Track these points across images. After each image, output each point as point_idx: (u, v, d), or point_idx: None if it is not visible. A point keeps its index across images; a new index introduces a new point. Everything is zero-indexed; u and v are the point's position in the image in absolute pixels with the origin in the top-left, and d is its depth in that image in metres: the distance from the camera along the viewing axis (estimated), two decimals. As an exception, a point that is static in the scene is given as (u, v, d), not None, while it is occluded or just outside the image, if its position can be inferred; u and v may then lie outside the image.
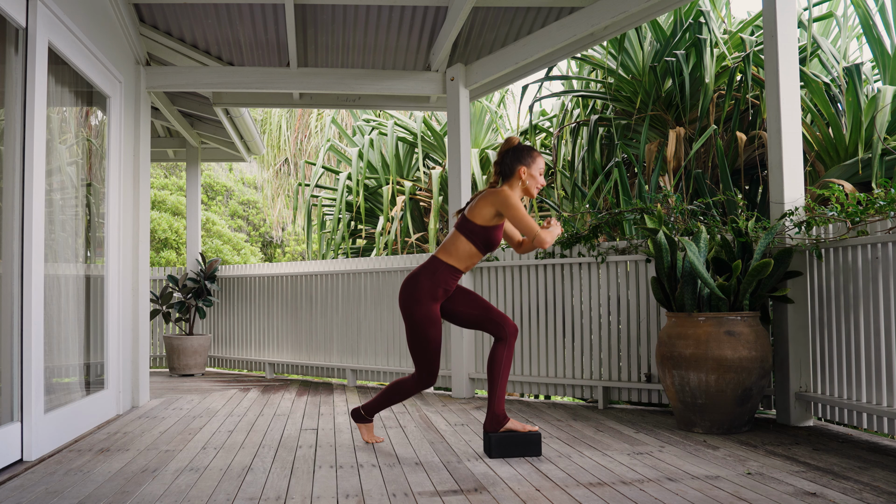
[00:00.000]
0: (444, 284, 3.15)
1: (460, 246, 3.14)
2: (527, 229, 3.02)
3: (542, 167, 3.18)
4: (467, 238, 3.13)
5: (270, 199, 15.70)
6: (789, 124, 3.73)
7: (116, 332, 4.28)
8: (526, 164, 3.14)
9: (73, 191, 3.82)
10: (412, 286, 3.15)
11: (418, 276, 3.15)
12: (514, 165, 3.14)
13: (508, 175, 3.16)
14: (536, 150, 3.19)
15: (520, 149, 3.17)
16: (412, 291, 3.14)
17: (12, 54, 3.07)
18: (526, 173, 3.14)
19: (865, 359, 3.28)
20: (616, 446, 3.29)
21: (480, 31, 5.10)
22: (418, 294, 3.13)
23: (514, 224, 3.05)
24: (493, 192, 3.09)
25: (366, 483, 2.69)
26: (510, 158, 3.16)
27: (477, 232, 3.12)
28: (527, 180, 3.14)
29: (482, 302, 3.25)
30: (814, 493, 2.45)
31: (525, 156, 3.15)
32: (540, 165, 3.17)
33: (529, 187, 3.15)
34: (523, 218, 3.01)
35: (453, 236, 3.18)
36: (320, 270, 6.16)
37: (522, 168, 3.13)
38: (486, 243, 3.15)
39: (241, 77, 5.26)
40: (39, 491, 2.60)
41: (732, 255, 3.67)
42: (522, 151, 3.16)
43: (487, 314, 3.21)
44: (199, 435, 3.67)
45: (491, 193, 3.09)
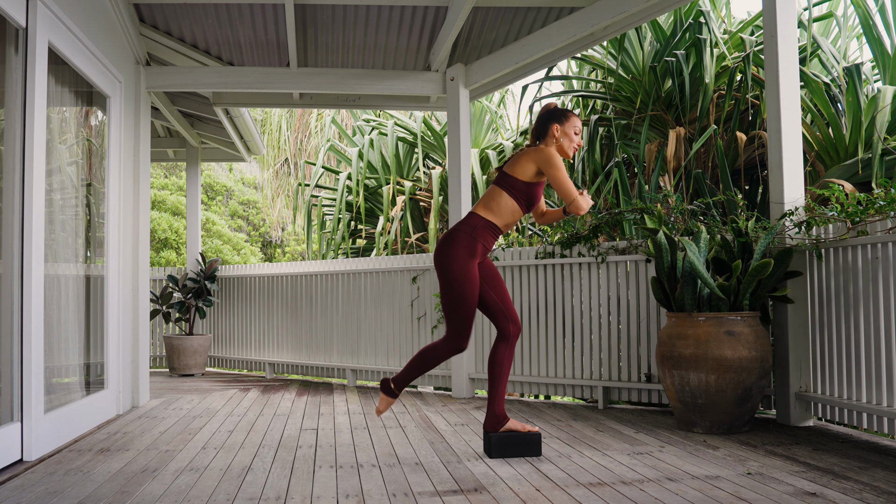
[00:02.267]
0: (482, 240, 3.07)
1: (502, 202, 3.07)
2: (566, 191, 2.96)
3: (577, 126, 3.12)
4: (509, 194, 3.06)
5: (270, 199, 15.70)
6: (789, 124, 3.73)
7: (116, 332, 4.28)
8: (559, 122, 3.10)
9: (73, 191, 3.82)
10: (450, 240, 3.06)
11: (457, 233, 3.06)
12: (547, 125, 3.11)
13: (542, 135, 3.12)
14: (572, 111, 3.15)
15: (554, 110, 3.13)
16: (450, 246, 3.05)
17: (12, 54, 3.07)
18: (559, 131, 3.09)
19: (865, 359, 3.28)
20: (616, 446, 3.29)
21: (480, 31, 5.10)
22: (456, 249, 3.03)
23: (554, 184, 2.98)
24: (536, 149, 3.04)
25: (366, 483, 2.69)
26: (544, 119, 3.12)
27: (519, 188, 3.05)
28: (560, 138, 3.09)
29: (506, 293, 3.20)
30: (814, 493, 2.45)
31: (559, 115, 3.11)
32: (575, 124, 3.11)
33: (563, 146, 3.10)
34: (564, 180, 2.96)
35: (493, 192, 3.09)
36: (320, 270, 6.16)
37: (555, 125, 3.09)
38: (529, 200, 3.08)
39: (241, 77, 5.26)
40: (39, 491, 2.60)
41: (732, 255, 3.67)
42: (556, 111, 3.13)
43: (504, 306, 3.16)
44: (199, 435, 3.67)
45: (534, 150, 3.04)
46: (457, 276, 3.02)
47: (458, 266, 3.02)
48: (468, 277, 3.03)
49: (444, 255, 3.05)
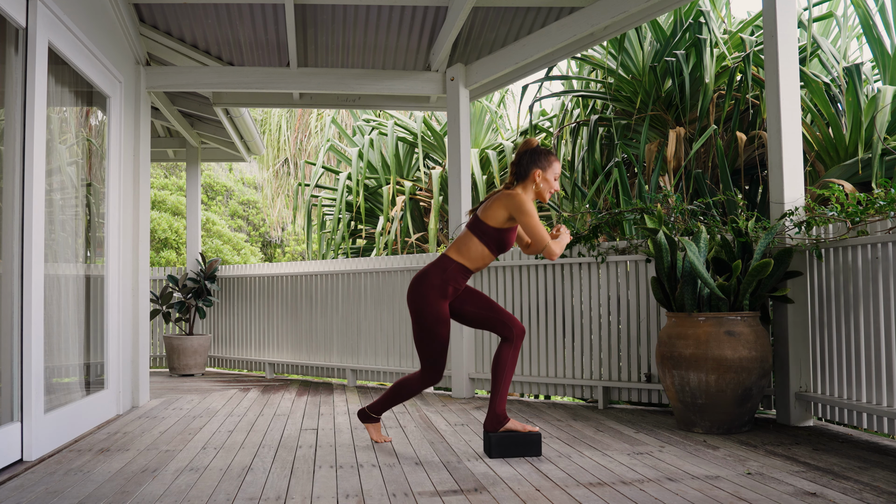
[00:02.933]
0: (453, 283, 3.14)
1: (472, 246, 3.13)
2: (537, 239, 3.02)
3: (557, 172, 3.16)
4: (479, 239, 3.12)
5: (270, 199, 15.70)
6: (789, 124, 3.73)
7: (116, 332, 4.28)
8: (542, 166, 3.12)
9: (73, 191, 3.82)
10: (422, 282, 3.14)
11: (428, 273, 3.14)
12: (529, 167, 3.13)
13: (523, 177, 3.14)
14: (554, 154, 3.18)
15: (537, 151, 3.15)
16: (421, 288, 3.13)
17: (12, 54, 3.07)
18: (540, 176, 3.12)
19: (865, 359, 3.28)
20: (616, 446, 3.29)
21: (480, 31, 5.10)
22: (427, 290, 3.11)
23: (525, 231, 3.06)
24: (507, 194, 3.07)
25: (366, 483, 2.69)
26: (527, 160, 3.14)
27: (490, 233, 3.11)
28: (541, 183, 3.13)
29: (490, 302, 3.24)
30: (814, 493, 2.45)
31: (542, 158, 3.13)
32: (556, 170, 3.15)
33: (542, 191, 3.14)
34: (536, 227, 3.01)
35: (465, 236, 3.16)
36: (320, 270, 6.16)
37: (538, 171, 3.12)
38: (499, 245, 3.13)
39: (241, 77, 5.26)
40: (39, 491, 2.60)
41: (732, 255, 3.67)
42: (540, 154, 3.14)
43: (496, 314, 3.20)
44: (199, 435, 3.67)
45: (505, 196, 3.07)
46: (429, 317, 3.12)
47: (430, 307, 3.12)
48: (440, 317, 3.13)
49: (417, 295, 3.14)
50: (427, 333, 3.13)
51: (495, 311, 3.21)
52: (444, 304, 3.14)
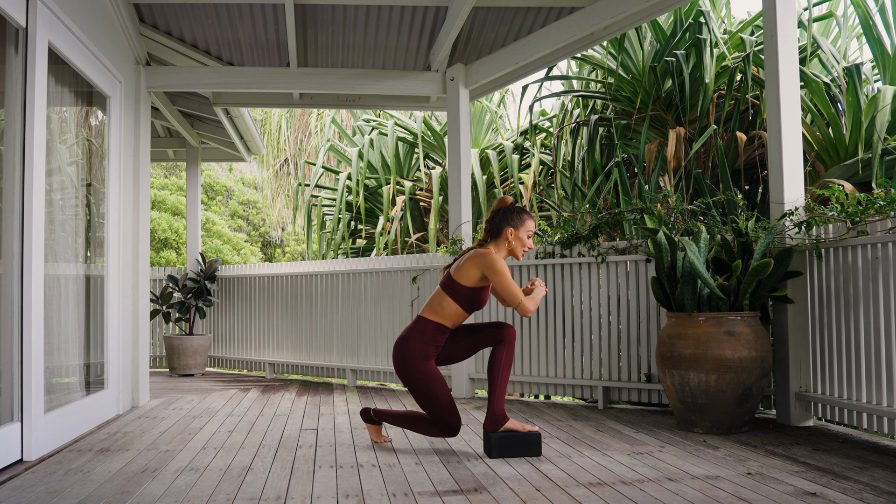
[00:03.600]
0: (434, 343, 3.17)
1: (446, 306, 3.16)
2: (510, 297, 3.04)
3: (530, 229, 3.18)
4: (453, 298, 3.15)
5: (270, 199, 15.70)
6: (789, 124, 3.73)
7: (116, 332, 4.28)
8: (514, 225, 3.15)
9: (73, 191, 3.82)
10: (403, 350, 3.16)
11: (408, 339, 3.17)
12: (501, 226, 3.16)
13: (496, 235, 3.17)
14: (528, 212, 3.22)
15: (510, 209, 3.18)
16: (404, 356, 3.15)
17: (12, 54, 3.07)
18: (513, 234, 3.15)
19: (865, 359, 3.28)
20: (616, 446, 3.29)
21: (480, 31, 5.10)
22: (410, 357, 3.14)
23: (497, 290, 3.08)
24: (479, 253, 3.09)
25: (366, 483, 2.69)
26: (499, 218, 3.18)
27: (462, 293, 3.13)
28: (513, 241, 3.16)
29: (466, 327, 3.26)
30: (814, 493, 2.45)
31: (514, 217, 3.16)
32: (529, 227, 3.18)
33: (515, 248, 3.17)
34: (508, 286, 3.03)
35: (439, 295, 3.19)
36: (320, 270, 6.16)
37: (510, 229, 3.15)
38: (472, 304, 3.17)
39: (241, 77, 5.26)
40: (39, 491, 2.60)
41: (732, 255, 3.67)
42: (512, 212, 3.17)
43: (479, 332, 3.23)
44: (199, 435, 3.67)
45: (478, 255, 3.09)
46: (420, 380, 3.14)
47: (419, 372, 3.14)
48: (430, 377, 3.14)
49: (402, 363, 3.17)
50: (424, 396, 3.14)
51: (477, 329, 3.23)
52: (429, 364, 3.15)
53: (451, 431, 3.18)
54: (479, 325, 3.24)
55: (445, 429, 3.18)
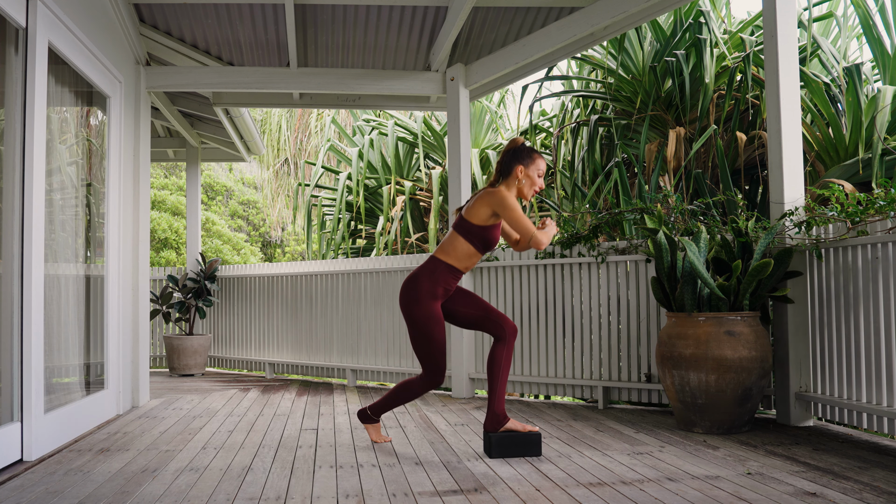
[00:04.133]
0: (443, 284, 3.15)
1: (458, 246, 3.15)
2: (523, 230, 3.03)
3: (541, 169, 3.17)
4: (465, 238, 3.14)
5: (270, 199, 15.70)
6: (789, 124, 3.73)
7: (116, 332, 4.28)
8: (524, 163, 3.14)
9: (73, 191, 3.82)
10: (412, 286, 3.15)
11: (417, 277, 3.16)
12: (512, 164, 3.15)
13: (506, 174, 3.17)
14: (538, 152, 3.20)
15: (520, 149, 3.18)
16: (412, 292, 3.14)
17: (12, 54, 3.07)
18: (522, 173, 3.14)
19: (865, 359, 3.28)
20: (616, 446, 3.29)
21: (480, 31, 5.10)
22: (418, 294, 3.13)
23: (511, 225, 3.07)
24: (490, 191, 3.10)
25: (366, 483, 2.69)
26: (510, 157, 3.17)
27: (474, 232, 3.12)
28: (523, 180, 3.14)
29: (481, 302, 3.25)
30: (814, 493, 2.45)
31: (524, 156, 3.16)
32: (539, 167, 3.17)
33: (524, 187, 3.16)
34: (519, 219, 3.02)
35: (451, 236, 3.18)
36: (320, 270, 6.16)
37: (520, 167, 3.14)
38: (484, 243, 3.15)
39: (241, 77, 5.26)
40: (39, 491, 2.60)
41: (732, 255, 3.67)
42: (522, 152, 3.17)
43: (487, 314, 3.21)
44: (199, 435, 3.67)
45: (487, 193, 3.10)
46: (423, 320, 3.13)
47: (424, 310, 3.13)
48: (433, 319, 3.13)
49: (408, 299, 3.16)
50: (422, 336, 3.13)
51: (487, 311, 3.23)
52: (435, 305, 3.14)
53: (437, 378, 3.18)
54: (490, 308, 3.23)
55: (432, 376, 3.17)
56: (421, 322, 3.12)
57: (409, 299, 3.15)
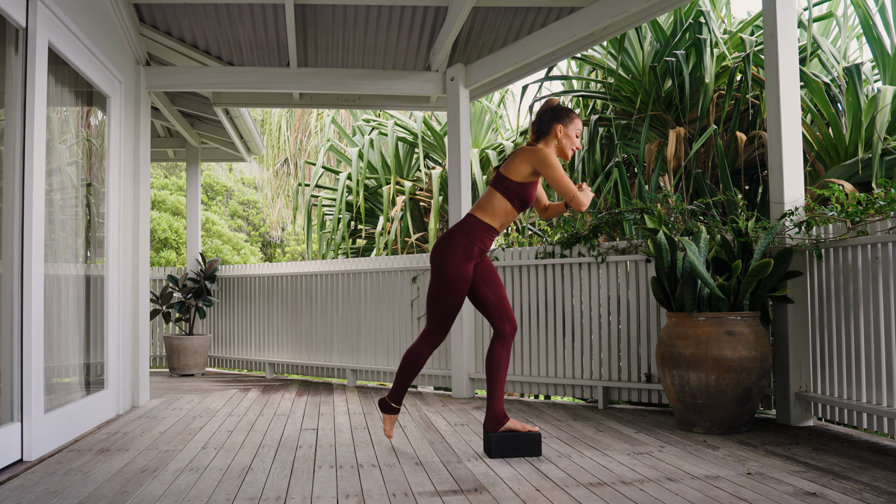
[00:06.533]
0: (479, 242, 3.12)
1: (496, 203, 3.11)
2: (565, 190, 3.00)
3: (579, 128, 3.16)
4: (503, 195, 3.10)
5: (270, 199, 15.70)
6: (789, 124, 3.73)
7: (116, 332, 4.28)
8: (563, 122, 3.13)
9: (73, 191, 3.82)
10: (446, 241, 3.11)
11: (454, 233, 3.12)
12: (550, 123, 3.13)
13: (545, 133, 3.14)
14: (575, 112, 3.19)
15: (558, 108, 3.16)
16: (446, 246, 3.10)
17: (12, 54, 3.07)
18: (562, 132, 3.12)
19: (865, 359, 3.28)
20: (616, 446, 3.29)
21: (480, 31, 5.10)
22: (452, 249, 3.09)
23: (552, 183, 3.03)
24: (531, 149, 3.07)
25: (366, 483, 2.69)
26: (548, 116, 3.15)
27: (513, 188, 3.09)
28: (563, 139, 3.13)
29: (500, 290, 3.22)
30: (814, 493, 2.45)
31: (563, 115, 3.14)
32: (577, 126, 3.16)
33: (564, 147, 3.14)
34: (561, 178, 3.00)
35: (489, 193, 3.14)
36: (320, 270, 6.16)
37: (559, 126, 3.12)
38: (522, 199, 3.12)
39: (241, 77, 5.26)
40: (39, 491, 2.60)
41: (732, 255, 3.67)
42: (560, 111, 3.16)
43: (502, 305, 3.19)
44: (199, 435, 3.67)
45: (528, 150, 3.06)
46: (450, 276, 3.09)
47: (454, 267, 3.09)
48: (461, 278, 3.10)
49: (441, 255, 3.11)
50: (444, 291, 3.09)
51: (501, 301, 3.20)
52: (467, 265, 3.10)
53: (441, 334, 3.17)
54: (506, 303, 3.20)
55: (438, 331, 3.16)
56: (449, 277, 3.08)
57: (442, 253, 3.10)
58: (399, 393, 3.32)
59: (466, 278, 3.10)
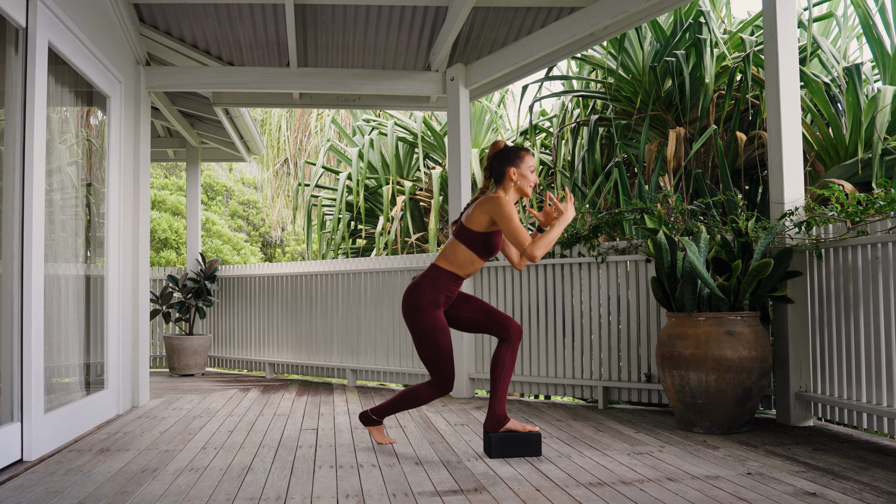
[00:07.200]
0: (445, 291, 3.14)
1: (460, 253, 3.14)
2: (518, 241, 2.99)
3: (531, 165, 3.16)
4: (466, 245, 3.12)
5: (270, 199, 15.70)
6: (789, 124, 3.73)
7: (116, 332, 4.28)
8: (514, 164, 3.13)
9: (73, 191, 3.82)
10: (414, 295, 3.14)
11: (419, 285, 3.14)
12: (502, 168, 3.14)
13: (500, 179, 3.16)
14: (524, 148, 3.20)
15: (505, 151, 3.16)
16: (414, 301, 3.13)
17: (12, 54, 3.07)
18: (516, 174, 3.13)
19: (865, 359, 3.28)
20: (616, 446, 3.29)
21: (480, 31, 5.10)
22: (421, 303, 3.11)
23: (505, 234, 3.03)
24: (488, 198, 3.08)
25: (366, 483, 2.69)
26: (498, 162, 3.16)
27: (476, 238, 3.11)
28: (518, 181, 3.13)
29: (484, 305, 3.25)
30: (814, 493, 2.45)
31: (513, 156, 3.14)
32: (529, 164, 3.15)
33: (523, 187, 3.15)
34: (515, 229, 2.99)
35: (452, 244, 3.17)
36: (320, 270, 6.16)
37: (511, 169, 3.12)
38: (486, 249, 3.14)
39: (241, 77, 5.26)
40: (39, 491, 2.60)
41: (732, 255, 3.67)
42: (509, 153, 3.15)
43: (491, 316, 3.21)
44: (199, 435, 3.67)
45: (487, 200, 3.08)
46: (427, 329, 3.11)
47: (427, 319, 3.11)
48: (437, 327, 3.12)
49: (412, 310, 3.14)
50: (427, 345, 3.12)
51: (491, 313, 3.22)
52: (438, 314, 3.13)
53: (446, 383, 3.15)
54: (493, 310, 3.22)
55: (441, 381, 3.15)
56: (425, 331, 3.11)
57: (411, 308, 3.13)
58: (386, 412, 3.35)
59: (442, 326, 3.13)
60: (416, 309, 3.12)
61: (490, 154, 3.19)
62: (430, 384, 3.19)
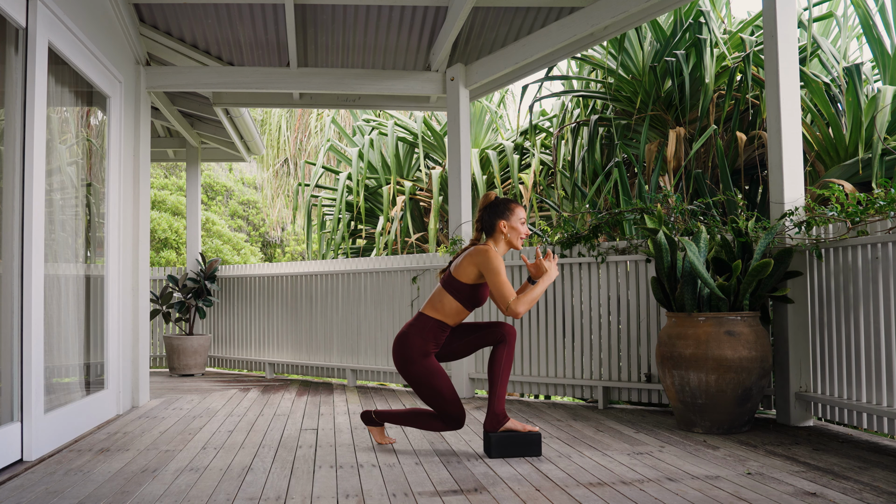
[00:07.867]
0: (434, 339, 3.18)
1: (447, 303, 3.17)
2: (502, 297, 3.01)
3: (521, 217, 3.19)
4: (453, 296, 3.16)
5: (270, 199, 15.70)
6: (789, 124, 3.73)
7: (116, 332, 4.28)
8: (505, 217, 3.17)
9: (73, 191, 3.82)
10: (403, 347, 3.17)
11: (408, 335, 3.17)
12: (493, 221, 3.18)
13: (490, 231, 3.20)
14: (515, 201, 3.25)
15: (496, 203, 3.20)
16: (404, 353, 3.16)
17: (12, 54, 3.07)
18: (506, 227, 3.16)
19: (865, 359, 3.28)
20: (616, 446, 3.29)
21: (480, 31, 5.10)
22: (411, 354, 3.15)
23: (490, 287, 3.07)
24: (477, 250, 3.10)
25: (366, 483, 2.69)
26: (488, 214, 3.20)
27: (462, 290, 3.14)
28: (508, 233, 3.17)
29: (469, 325, 3.27)
30: (814, 493, 2.45)
31: (503, 209, 3.18)
32: (520, 215, 3.19)
33: (512, 239, 3.18)
34: (500, 284, 3.02)
35: (439, 293, 3.20)
36: (320, 270, 6.16)
37: (502, 222, 3.16)
38: (472, 301, 3.18)
39: (241, 77, 5.26)
40: (39, 491, 2.60)
41: (732, 255, 3.67)
42: (499, 206, 3.19)
43: (480, 329, 3.23)
44: (199, 435, 3.67)
45: (476, 252, 3.10)
46: (421, 376, 3.14)
47: (419, 367, 3.14)
48: (431, 372, 3.14)
49: (402, 359, 3.17)
50: (426, 391, 3.15)
51: (479, 327, 3.24)
52: (430, 360, 3.16)
53: (456, 424, 3.17)
54: (480, 324, 3.25)
55: (450, 422, 3.17)
56: (421, 380, 3.14)
57: (402, 360, 3.16)
58: (389, 419, 3.36)
59: (436, 370, 3.15)
60: (407, 360, 3.15)
61: (481, 206, 3.24)
62: (442, 421, 3.20)
